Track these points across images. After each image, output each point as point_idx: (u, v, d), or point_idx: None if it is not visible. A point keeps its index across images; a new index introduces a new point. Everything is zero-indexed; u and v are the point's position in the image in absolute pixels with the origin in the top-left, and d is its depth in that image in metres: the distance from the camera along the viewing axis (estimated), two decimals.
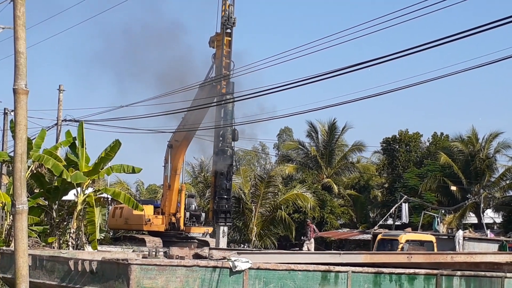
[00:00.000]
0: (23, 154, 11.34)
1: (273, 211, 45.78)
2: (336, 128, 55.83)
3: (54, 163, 25.10)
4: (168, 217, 38.02)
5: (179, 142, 36.92)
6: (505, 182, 49.17)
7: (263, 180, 45.66)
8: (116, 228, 40.93)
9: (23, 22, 11.38)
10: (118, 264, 12.69)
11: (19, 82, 11.32)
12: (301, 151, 57.67)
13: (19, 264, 11.33)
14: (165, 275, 12.63)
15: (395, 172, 53.18)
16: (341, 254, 16.14)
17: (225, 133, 33.81)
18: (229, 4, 34.22)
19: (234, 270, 13.11)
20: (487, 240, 36.40)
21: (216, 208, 33.92)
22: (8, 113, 41.78)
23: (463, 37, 14.21)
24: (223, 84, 33.75)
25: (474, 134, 49.35)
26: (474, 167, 47.76)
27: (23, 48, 11.34)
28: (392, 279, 14.77)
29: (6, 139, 42.82)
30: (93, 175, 26.44)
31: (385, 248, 28.89)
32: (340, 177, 55.86)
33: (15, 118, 11.55)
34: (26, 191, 11.49)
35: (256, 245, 43.12)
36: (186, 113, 34.29)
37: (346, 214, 52.48)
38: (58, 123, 40.29)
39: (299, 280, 13.72)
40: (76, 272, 13.25)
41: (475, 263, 17.10)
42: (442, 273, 15.47)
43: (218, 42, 34.41)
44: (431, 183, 48.27)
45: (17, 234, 11.39)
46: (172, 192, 37.82)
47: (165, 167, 37.96)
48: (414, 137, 54.77)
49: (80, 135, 26.72)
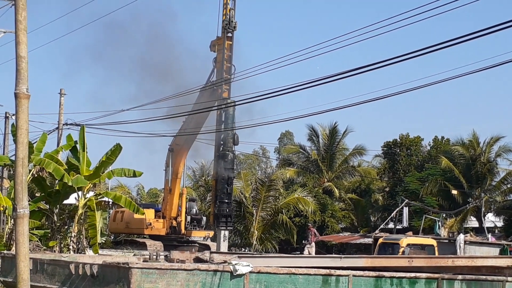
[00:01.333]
0: (24, 158, 11.35)
1: (274, 215, 45.76)
2: (337, 132, 55.85)
3: (55, 167, 25.14)
4: (169, 221, 38.04)
5: (180, 146, 36.95)
6: (506, 186, 49.15)
7: (264, 184, 45.66)
8: (117, 232, 40.96)
9: (24, 26, 11.38)
10: (119, 267, 12.69)
11: (20, 86, 11.32)
12: (302, 155, 57.67)
13: (20, 268, 11.32)
14: (166, 279, 12.63)
15: (396, 176, 53.19)
16: (342, 258, 16.14)
17: (226, 138, 33.83)
18: (230, 8, 34.29)
19: (235, 273, 13.10)
20: (488, 244, 36.35)
21: (217, 212, 33.92)
22: (9, 117, 41.85)
23: (464, 40, 14.22)
24: (224, 88, 33.79)
25: (475, 138, 49.35)
26: (475, 171, 47.75)
27: (24, 53, 11.34)
28: (393, 283, 14.75)
29: (8, 143, 42.91)
30: (94, 179, 26.47)
31: (386, 252, 28.90)
32: (341, 181, 55.84)
33: (17, 122, 11.55)
34: (27, 195, 11.48)
35: (257, 249, 43.10)
36: (187, 117, 34.32)
37: (347, 218, 52.45)
38: (59, 127, 40.35)
39: (300, 284, 13.71)
40: (77, 276, 13.25)
41: (476, 267, 17.10)
42: (443, 277, 15.45)
43: (219, 46, 34.46)
44: (432, 187, 48.27)
45: (18, 238, 11.38)
46: (173, 196, 37.85)
47: (166, 171, 38.01)
48: (415, 141, 54.81)
49: (81, 139, 26.76)
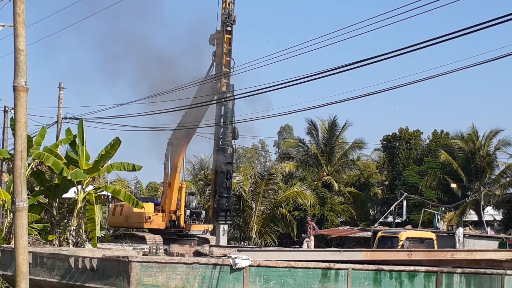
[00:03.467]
0: (23, 151, 11.34)
1: (273, 209, 45.76)
2: (337, 126, 55.78)
3: (54, 160, 25.11)
4: (169, 215, 38.03)
5: (180, 139, 36.91)
6: (505, 179, 49.15)
7: (263, 178, 45.64)
8: (116, 225, 40.95)
9: (23, 19, 11.37)
10: (119, 261, 12.70)
11: (19, 79, 11.31)
12: (301, 149, 57.65)
13: (19, 262, 11.32)
14: (166, 273, 12.64)
15: (395, 170, 53.20)
16: (342, 251, 16.18)
17: (225, 132, 33.80)
18: (229, 2, 34.23)
19: (235, 267, 13.12)
20: (487, 237, 36.44)
21: (216, 206, 33.89)
22: (8, 110, 41.84)
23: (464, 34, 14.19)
24: (223, 82, 33.74)
25: (475, 131, 49.34)
26: (474, 165, 47.76)
27: (23, 46, 11.34)
28: (392, 276, 14.77)
29: (7, 136, 42.92)
30: (93, 173, 26.44)
31: (385, 246, 28.94)
32: (341, 174, 55.83)
33: (15, 116, 11.54)
34: (26, 188, 11.48)
35: (256, 243, 43.10)
36: (187, 111, 34.27)
37: (346, 212, 52.48)
38: (58, 120, 40.34)
39: (299, 277, 13.72)
40: (77, 270, 13.25)
41: (475, 260, 17.15)
42: (442, 270, 15.48)
43: (218, 39, 34.40)
44: (431, 180, 48.29)
45: (17, 232, 11.38)
46: (172, 190, 37.83)
47: (165, 164, 37.98)
48: (415, 134, 54.80)
49: (80, 133, 26.72)
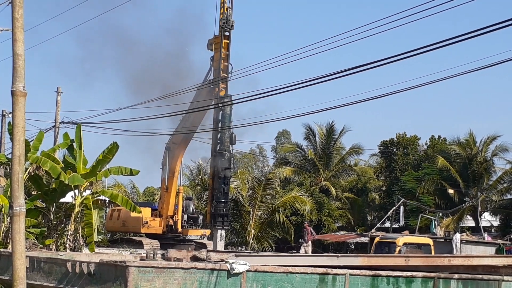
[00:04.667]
0: (21, 156, 11.34)
1: (270, 214, 45.73)
2: (334, 131, 55.83)
3: (52, 165, 25.11)
4: (166, 220, 38.02)
5: (177, 144, 36.92)
6: (502, 185, 49.16)
7: (260, 183, 45.60)
8: (114, 230, 40.92)
9: (21, 24, 11.39)
10: (116, 266, 12.67)
11: (17, 84, 11.32)
12: (299, 154, 57.64)
13: (17, 266, 11.31)
14: (163, 277, 12.61)
15: (393, 175, 53.23)
16: (339, 256, 16.15)
17: (223, 137, 33.81)
18: (228, 7, 34.27)
19: (232, 272, 13.10)
20: (484, 243, 36.41)
21: (214, 211, 33.86)
22: (6, 115, 41.82)
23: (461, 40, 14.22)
24: (221, 87, 33.76)
25: (472, 137, 49.37)
26: (472, 170, 47.79)
27: (21, 50, 11.35)
28: (389, 282, 14.76)
29: (4, 141, 42.92)
30: (91, 177, 26.44)
31: (382, 251, 28.90)
32: (338, 180, 55.83)
33: (13, 120, 11.55)
34: (23, 193, 11.49)
35: (253, 248, 43.07)
36: (184, 116, 34.29)
37: (344, 217, 52.48)
38: (56, 125, 40.31)
39: (296, 282, 13.71)
40: (74, 274, 13.22)
41: (473, 266, 17.12)
42: (440, 276, 15.47)
43: (216, 44, 34.44)
44: (428, 186, 48.30)
45: (14, 236, 11.38)
46: (169, 195, 37.82)
47: (163, 169, 37.99)
48: (412, 140, 54.84)
49: (78, 137, 26.73)
